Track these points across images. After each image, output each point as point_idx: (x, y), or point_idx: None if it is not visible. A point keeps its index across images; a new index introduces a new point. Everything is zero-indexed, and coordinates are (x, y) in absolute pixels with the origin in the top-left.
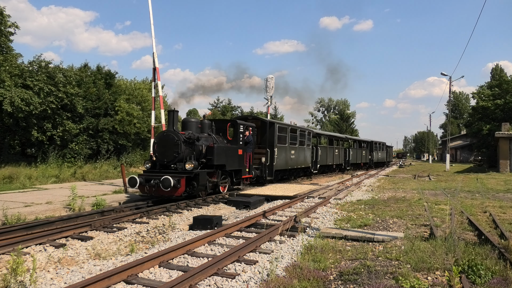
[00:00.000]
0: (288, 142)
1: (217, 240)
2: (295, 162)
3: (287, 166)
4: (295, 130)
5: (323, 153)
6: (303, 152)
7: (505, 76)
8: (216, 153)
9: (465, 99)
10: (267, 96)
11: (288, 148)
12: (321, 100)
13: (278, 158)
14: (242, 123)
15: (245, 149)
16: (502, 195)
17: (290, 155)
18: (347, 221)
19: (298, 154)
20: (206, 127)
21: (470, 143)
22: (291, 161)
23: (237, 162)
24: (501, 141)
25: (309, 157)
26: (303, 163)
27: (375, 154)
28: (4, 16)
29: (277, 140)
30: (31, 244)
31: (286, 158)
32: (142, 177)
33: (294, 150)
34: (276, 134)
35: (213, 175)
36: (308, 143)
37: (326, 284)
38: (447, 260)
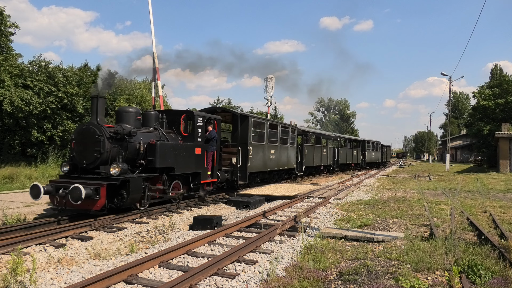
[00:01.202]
0: (266, 140)
1: (217, 240)
2: (275, 163)
3: (266, 167)
4: (276, 125)
5: (309, 153)
6: (286, 151)
7: (505, 76)
8: (159, 153)
9: (465, 99)
10: (267, 96)
11: (267, 146)
12: (321, 100)
13: (254, 158)
14: (200, 115)
15: (205, 148)
16: (502, 195)
17: (269, 155)
18: (347, 221)
19: (280, 154)
20: (150, 119)
21: (470, 143)
22: (271, 162)
23: (193, 164)
24: (501, 141)
25: (293, 157)
26: (286, 164)
27: (367, 154)
28: (4, 16)
29: (252, 137)
30: (31, 244)
31: (264, 158)
32: (52, 184)
33: (275, 149)
34: (251, 129)
35: (158, 181)
36: (292, 141)
37: (326, 284)
38: (447, 260)
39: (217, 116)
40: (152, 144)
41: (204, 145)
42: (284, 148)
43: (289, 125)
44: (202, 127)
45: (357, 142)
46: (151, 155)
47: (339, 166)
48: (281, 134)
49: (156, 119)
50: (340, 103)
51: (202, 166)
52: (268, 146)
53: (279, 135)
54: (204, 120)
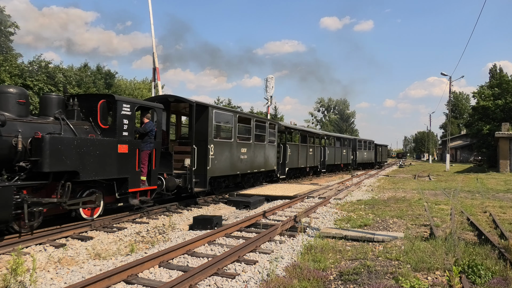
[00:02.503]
0: (235, 137)
1: (217, 240)
2: (248, 164)
3: (234, 170)
4: (248, 120)
5: (293, 152)
6: (263, 151)
7: (505, 76)
8: (49, 150)
9: (465, 99)
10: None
11: (236, 145)
12: (321, 100)
13: (217, 159)
14: (127, 101)
15: (136, 145)
16: (502, 195)
17: (240, 155)
18: (347, 221)
19: (254, 154)
20: (51, 106)
21: (470, 143)
22: (242, 164)
23: (114, 166)
24: (501, 141)
25: (273, 157)
26: (263, 165)
27: (359, 154)
28: (4, 16)
29: (213, 133)
30: (31, 244)
31: (231, 159)
32: None
33: (247, 148)
34: (212, 124)
35: (52, 191)
36: (271, 139)
37: (326, 284)
38: (447, 260)
39: (156, 104)
40: (37, 139)
41: (134, 141)
42: (261, 147)
43: (266, 119)
44: (130, 117)
45: (347, 141)
46: (36, 154)
47: (326, 167)
48: (257, 130)
49: (59, 105)
50: (340, 103)
51: (132, 169)
52: (237, 144)
53: (253, 131)
54: (133, 108)
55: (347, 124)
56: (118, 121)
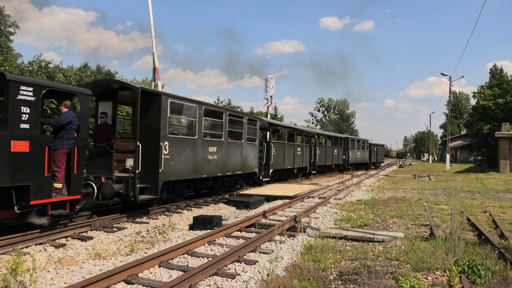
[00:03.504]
0: (200, 133)
1: (217, 240)
2: (219, 166)
3: (200, 173)
4: (220, 113)
5: (279, 152)
6: (240, 150)
7: (505, 76)
8: None
9: (465, 99)
10: (267, 96)
11: (202, 143)
12: (321, 100)
13: (174, 159)
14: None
15: (44, 141)
16: (502, 195)
17: (207, 155)
18: (347, 221)
19: (228, 154)
20: None
21: (470, 143)
22: (211, 165)
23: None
24: (501, 141)
25: (253, 158)
26: (240, 167)
27: (351, 154)
28: (4, 16)
29: (167, 127)
30: (31, 244)
31: (195, 160)
32: None
33: (218, 147)
34: (167, 116)
35: None
36: (251, 136)
37: (326, 284)
38: (447, 260)
39: (79, 88)
40: None
41: (40, 137)
42: (236, 146)
43: (245, 114)
44: (33, 104)
45: (339, 140)
46: None
47: (317, 168)
48: (231, 126)
49: None
50: (340, 103)
51: (36, 174)
52: (203, 142)
53: (226, 127)
54: (39, 92)
55: (347, 124)
56: (12, 109)
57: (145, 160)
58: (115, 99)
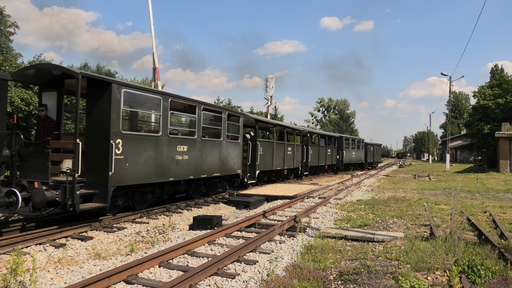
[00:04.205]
0: (165, 129)
1: (217, 240)
2: (191, 168)
3: (166, 176)
4: (192, 107)
5: (266, 152)
6: (218, 150)
7: (505, 76)
8: None
9: (465, 99)
10: (267, 96)
11: (168, 141)
12: (321, 100)
13: (129, 160)
14: None
15: None
16: (502, 195)
17: (175, 154)
18: (347, 221)
19: (203, 154)
20: None
21: (470, 143)
22: (180, 167)
23: None
24: (501, 141)
25: (236, 158)
26: (218, 169)
27: (346, 154)
28: (4, 16)
29: (123, 121)
30: (31, 244)
31: (159, 160)
32: None
33: (189, 146)
34: (120, 108)
35: None
36: (233, 134)
37: (326, 284)
38: (447, 260)
39: None
40: None
41: None
42: (213, 145)
43: (224, 108)
44: None
45: (333, 139)
46: None
47: (309, 169)
48: (207, 122)
49: None
50: (340, 103)
51: None
52: (169, 140)
53: (200, 124)
54: None
55: (347, 124)
56: None
57: (92, 162)
58: (60, 89)
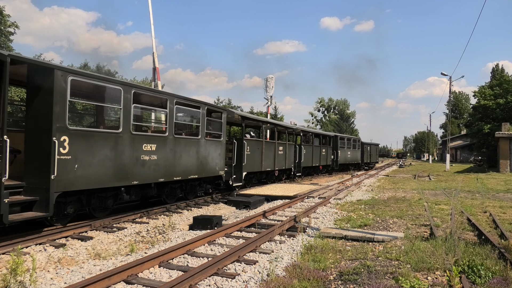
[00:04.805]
0: (127, 125)
1: (217, 240)
2: (161, 169)
3: (128, 179)
4: (162, 100)
5: (254, 152)
6: (196, 149)
7: (506, 76)
8: None
9: (465, 99)
10: (267, 96)
11: (130, 138)
12: (321, 100)
13: (79, 160)
14: None
15: None
16: (502, 195)
17: (140, 154)
18: (347, 221)
19: (176, 154)
20: None
21: (470, 143)
22: (147, 168)
23: None
24: (501, 141)
25: (218, 158)
26: (196, 170)
27: (341, 154)
28: (4, 16)
29: (70, 115)
30: (31, 244)
31: (118, 161)
32: None
33: (159, 144)
34: (67, 100)
35: None
36: (214, 132)
37: (326, 284)
38: (447, 260)
39: None
40: None
41: None
42: (190, 143)
43: (203, 103)
44: None
45: (328, 138)
46: None
47: (302, 169)
48: (181, 118)
49: None
50: (340, 103)
51: None
52: (132, 137)
53: (172, 119)
54: None
55: (347, 124)
56: None
57: (33, 163)
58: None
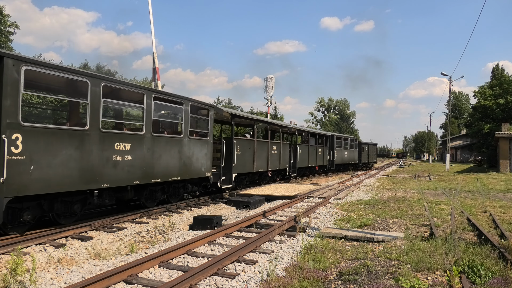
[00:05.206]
0: (95, 121)
1: (217, 240)
2: (137, 170)
3: (97, 181)
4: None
5: (245, 151)
6: (178, 148)
7: (506, 76)
8: None
9: (465, 99)
10: (267, 96)
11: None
12: (321, 100)
13: (35, 161)
14: None
15: None
16: (502, 195)
17: (113, 154)
18: (347, 221)
19: (154, 154)
20: None
21: (470, 143)
22: (119, 170)
23: None
24: (501, 141)
25: (204, 159)
26: (179, 171)
27: (337, 154)
28: (4, 16)
29: (22, 109)
30: (31, 244)
31: (85, 161)
32: None
33: (134, 143)
34: (19, 91)
35: None
36: (199, 130)
37: (326, 284)
38: (447, 260)
39: None
40: None
41: None
42: (171, 142)
43: (186, 98)
44: None
45: (324, 138)
46: None
47: (298, 170)
48: (160, 115)
49: None
50: (340, 103)
51: None
52: (101, 135)
53: (150, 116)
54: None
55: (347, 124)
56: None
57: None
58: None
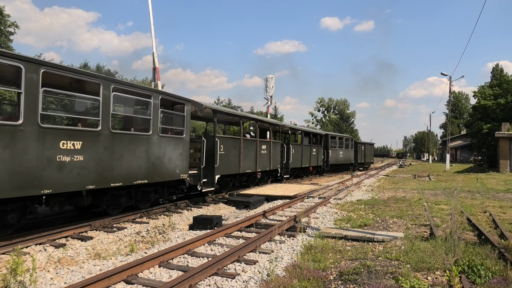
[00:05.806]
0: (32, 115)
1: (217, 240)
2: (91, 173)
3: (36, 187)
4: (94, 85)
5: (230, 151)
6: (145, 148)
7: (505, 76)
8: None
9: (465, 99)
10: (267, 96)
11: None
12: (321, 100)
13: None
14: None
15: None
16: (502, 195)
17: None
18: (347, 221)
19: (114, 153)
20: None
21: (470, 143)
22: (66, 173)
23: None
24: (501, 141)
25: (179, 159)
26: (146, 174)
27: (332, 154)
28: (4, 16)
29: None
30: (31, 244)
31: (19, 163)
32: None
33: (87, 142)
34: None
35: None
36: (173, 128)
37: (326, 284)
38: (447, 260)
39: None
40: None
41: None
42: (136, 141)
43: (155, 90)
44: None
45: (318, 137)
46: None
47: (291, 171)
48: (122, 109)
49: None
50: (340, 103)
51: None
52: (41, 132)
53: (108, 109)
54: None
55: (347, 124)
56: None
57: None
58: None
